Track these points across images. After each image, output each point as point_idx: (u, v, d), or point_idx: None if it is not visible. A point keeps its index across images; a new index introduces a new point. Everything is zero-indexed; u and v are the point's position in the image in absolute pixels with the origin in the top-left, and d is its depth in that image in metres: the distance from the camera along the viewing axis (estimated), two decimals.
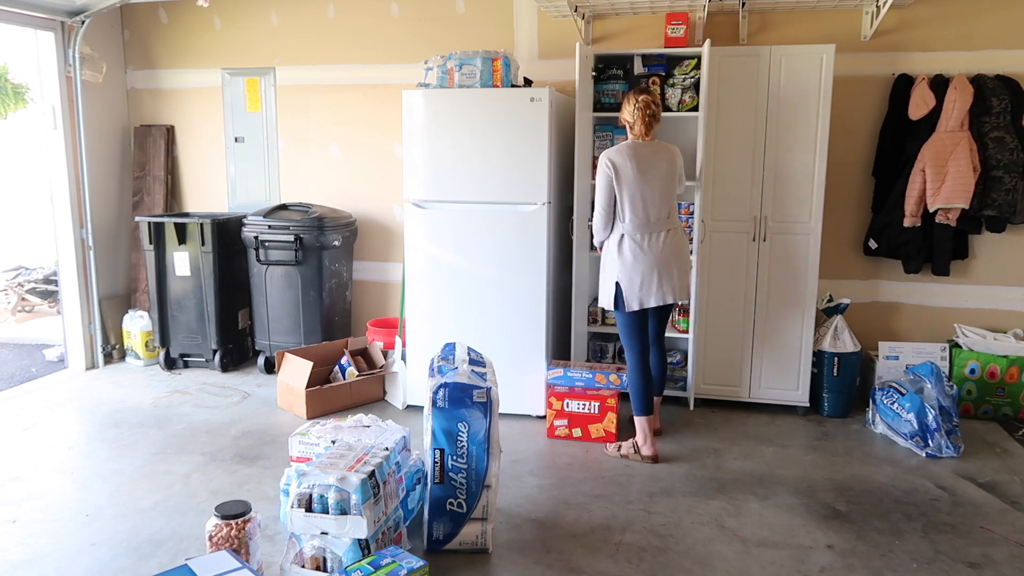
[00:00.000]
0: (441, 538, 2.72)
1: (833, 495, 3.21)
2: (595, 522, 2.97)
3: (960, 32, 4.10)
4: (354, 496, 2.37)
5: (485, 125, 3.87)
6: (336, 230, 4.72)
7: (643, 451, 3.54)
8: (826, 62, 3.82)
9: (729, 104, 3.98)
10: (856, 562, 2.69)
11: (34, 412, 4.22)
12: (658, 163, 3.46)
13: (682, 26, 4.05)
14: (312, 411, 4.10)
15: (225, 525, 2.44)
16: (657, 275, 3.41)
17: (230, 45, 5.14)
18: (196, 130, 5.31)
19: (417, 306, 4.13)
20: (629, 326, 3.52)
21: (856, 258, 4.40)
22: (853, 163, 4.31)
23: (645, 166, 3.42)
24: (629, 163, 3.41)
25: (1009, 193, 3.94)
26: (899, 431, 3.72)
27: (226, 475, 3.39)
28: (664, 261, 3.42)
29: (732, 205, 4.05)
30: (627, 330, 3.54)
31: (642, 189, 3.41)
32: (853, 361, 4.06)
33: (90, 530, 2.90)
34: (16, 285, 6.81)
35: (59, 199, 4.89)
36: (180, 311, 4.89)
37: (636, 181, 3.40)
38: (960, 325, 4.24)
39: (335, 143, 5.07)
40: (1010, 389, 4.02)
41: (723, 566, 2.66)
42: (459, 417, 2.68)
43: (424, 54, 4.50)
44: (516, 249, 3.93)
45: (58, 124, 4.80)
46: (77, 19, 4.69)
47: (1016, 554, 2.74)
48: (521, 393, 4.00)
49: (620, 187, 3.42)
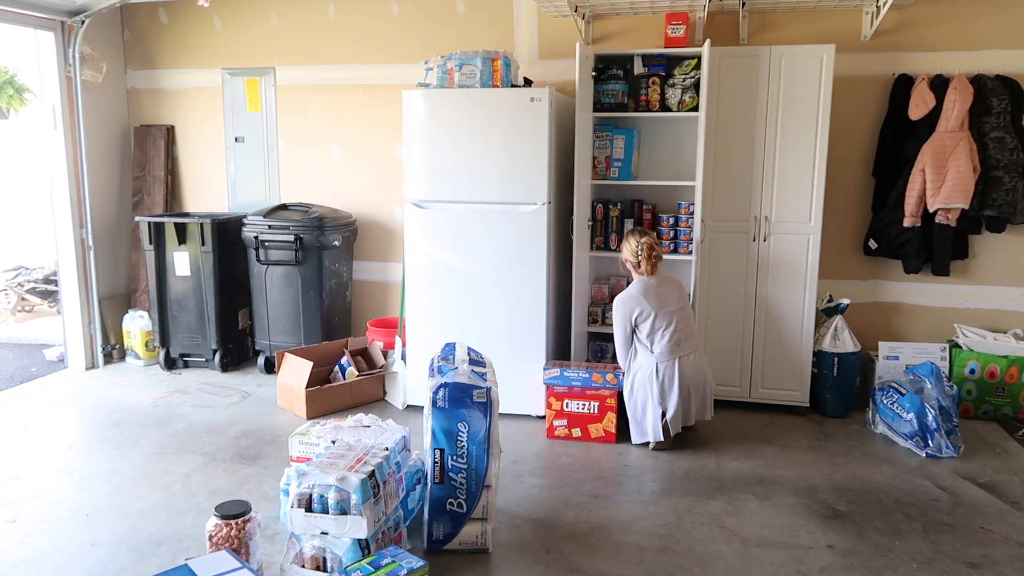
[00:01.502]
0: (441, 538, 2.72)
1: (833, 495, 3.21)
2: (595, 522, 2.97)
3: (960, 32, 4.10)
4: (354, 496, 2.37)
5: (485, 125, 3.87)
6: (336, 230, 4.72)
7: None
8: (826, 62, 3.82)
9: (729, 104, 3.98)
10: (856, 562, 2.69)
11: (34, 412, 4.22)
12: (670, 293, 3.70)
13: (682, 26, 4.05)
14: (312, 411, 4.10)
15: (225, 525, 2.44)
16: (688, 393, 3.64)
17: (230, 45, 5.14)
18: (196, 130, 5.31)
19: (417, 306, 4.13)
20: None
21: (856, 258, 4.40)
22: (853, 163, 4.31)
23: (663, 301, 3.66)
24: (647, 301, 3.65)
25: (1009, 193, 3.94)
26: (899, 431, 3.72)
27: (226, 475, 3.39)
28: (695, 380, 3.65)
29: (732, 205, 4.05)
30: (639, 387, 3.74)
31: (666, 319, 3.63)
32: (853, 361, 4.06)
33: (90, 530, 2.90)
34: (16, 285, 6.81)
35: (59, 199, 4.89)
36: (180, 311, 4.89)
37: (659, 314, 3.63)
38: (960, 325, 4.24)
39: (335, 143, 5.07)
40: (1010, 389, 4.02)
41: (723, 566, 2.66)
42: (459, 417, 2.68)
43: (424, 54, 4.50)
44: (516, 249, 3.93)
45: (58, 124, 4.80)
46: (77, 19, 4.69)
47: (1016, 554, 2.74)
48: (521, 393, 4.00)
49: (643, 324, 3.65)
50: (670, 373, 3.59)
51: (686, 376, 3.60)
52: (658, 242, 3.79)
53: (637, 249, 3.71)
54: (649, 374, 3.62)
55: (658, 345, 3.63)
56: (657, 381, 3.60)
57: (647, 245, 3.71)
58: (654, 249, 3.73)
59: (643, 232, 3.81)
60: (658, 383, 3.60)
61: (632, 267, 3.77)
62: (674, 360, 3.61)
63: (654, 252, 3.72)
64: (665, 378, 3.60)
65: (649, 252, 3.71)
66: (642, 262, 3.71)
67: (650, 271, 3.72)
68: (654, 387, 3.60)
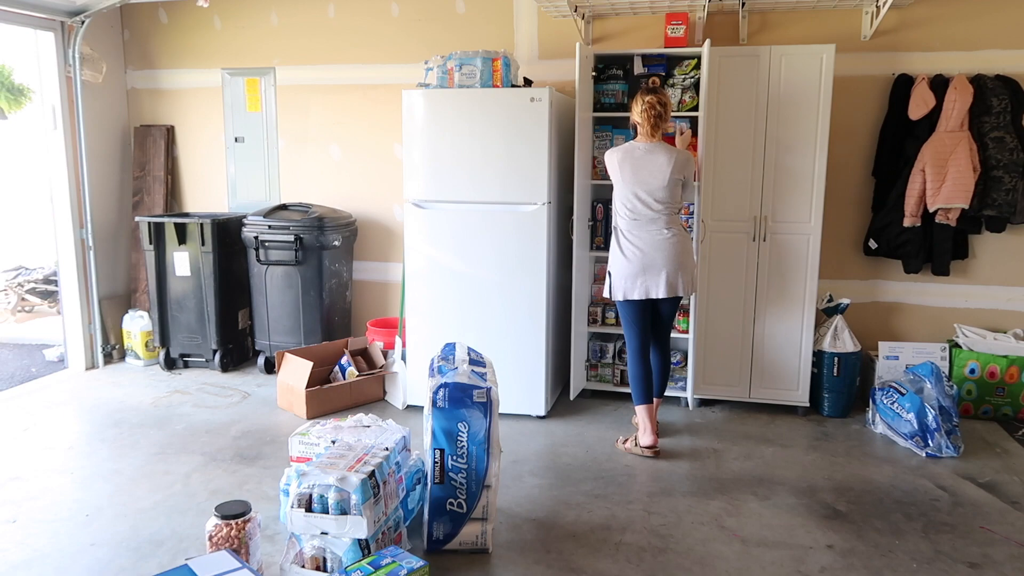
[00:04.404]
0: (441, 538, 2.72)
1: (833, 495, 3.21)
2: (595, 522, 2.97)
3: (960, 32, 4.10)
4: (354, 496, 2.37)
5: (485, 125, 3.87)
6: (336, 230, 4.72)
7: (641, 441, 3.57)
8: (826, 62, 3.82)
9: (729, 104, 3.98)
10: (856, 562, 2.69)
11: (34, 412, 4.22)
12: (651, 163, 3.48)
13: (682, 26, 4.05)
14: (312, 411, 4.10)
15: (225, 525, 2.44)
16: (644, 271, 3.50)
17: (230, 45, 5.14)
18: (196, 130, 5.31)
19: (417, 306, 4.13)
20: (624, 316, 3.67)
21: (856, 258, 4.40)
22: (853, 163, 4.31)
23: (638, 166, 3.49)
24: (624, 162, 3.51)
25: (1009, 193, 3.94)
26: (899, 431, 3.72)
27: (226, 475, 3.39)
28: (653, 258, 3.49)
29: (732, 205, 4.05)
30: (623, 320, 3.69)
31: (634, 188, 3.50)
32: (853, 361, 4.06)
33: (90, 530, 2.90)
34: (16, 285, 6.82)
35: (59, 199, 4.89)
36: (180, 311, 4.89)
37: (631, 180, 3.50)
38: (960, 325, 4.24)
39: (335, 143, 5.07)
40: (1010, 389, 4.02)
41: (723, 566, 2.66)
42: (459, 417, 2.68)
43: (424, 54, 4.50)
44: (516, 249, 3.93)
45: (58, 124, 4.80)
46: (77, 19, 4.69)
47: (1016, 554, 2.74)
48: (521, 393, 4.00)
49: (617, 182, 3.55)
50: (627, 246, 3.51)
51: (645, 253, 3.48)
52: (666, 101, 3.47)
53: (640, 109, 3.46)
54: (614, 237, 3.58)
55: (622, 211, 3.52)
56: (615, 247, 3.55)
57: (649, 103, 3.42)
58: (655, 108, 3.41)
59: (650, 89, 3.53)
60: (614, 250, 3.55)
61: (638, 129, 3.56)
62: (636, 234, 3.49)
63: (654, 111, 3.42)
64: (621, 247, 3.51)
65: (649, 111, 3.42)
66: (643, 123, 3.47)
67: (649, 133, 3.47)
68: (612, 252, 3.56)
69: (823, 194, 3.92)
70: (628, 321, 3.64)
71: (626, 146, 3.57)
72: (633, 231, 3.53)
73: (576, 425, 4.00)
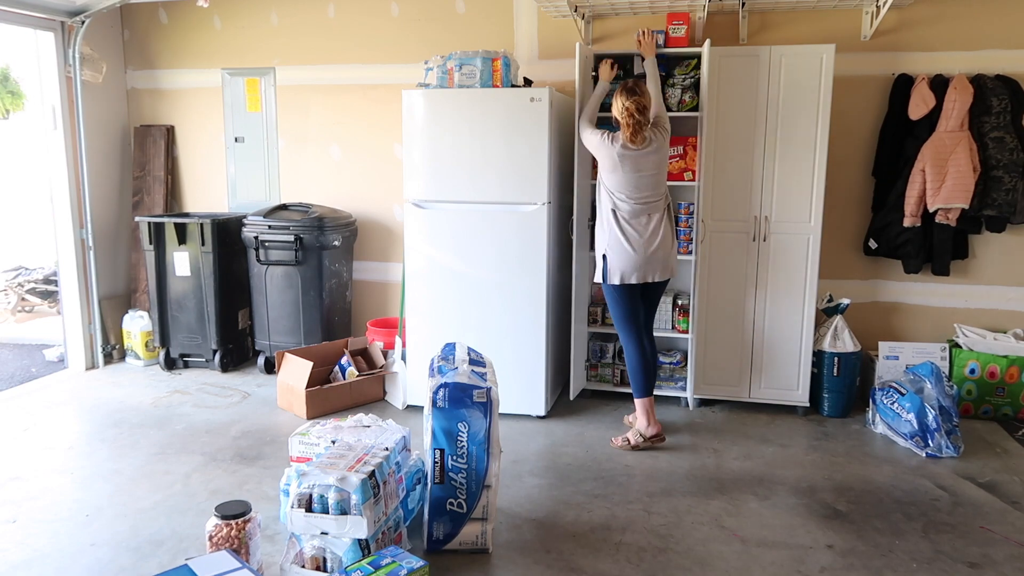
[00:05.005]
0: (441, 538, 2.72)
1: (833, 495, 3.21)
2: (595, 522, 2.97)
3: (960, 32, 4.10)
4: (354, 496, 2.37)
5: (485, 125, 3.87)
6: (336, 230, 4.72)
7: (647, 432, 3.58)
8: (826, 62, 3.82)
9: (729, 104, 3.98)
10: (856, 562, 2.69)
11: (34, 412, 4.22)
12: (648, 160, 3.53)
13: (683, 26, 4.05)
14: (312, 411, 4.10)
15: (225, 525, 2.44)
16: (644, 256, 3.53)
17: (230, 45, 5.14)
18: (196, 130, 5.31)
19: (417, 306, 4.13)
20: (617, 303, 3.66)
21: (856, 258, 4.40)
22: (853, 163, 4.31)
23: (639, 164, 3.52)
24: (625, 158, 3.50)
25: (1009, 193, 3.94)
26: (899, 431, 3.72)
27: (226, 475, 3.39)
28: (651, 243, 3.54)
29: (732, 205, 4.05)
30: (616, 309, 3.68)
31: (636, 182, 3.52)
32: (853, 361, 4.06)
33: (90, 530, 2.90)
34: (16, 285, 6.82)
35: (59, 199, 4.89)
36: (180, 311, 4.89)
37: (632, 175, 3.51)
38: (960, 325, 4.24)
39: (335, 143, 5.07)
40: (1010, 389, 4.01)
41: (723, 566, 2.66)
42: (459, 417, 2.68)
43: (424, 54, 4.49)
44: (516, 249, 3.93)
45: (58, 124, 4.80)
46: (77, 19, 4.69)
47: (1016, 554, 2.74)
48: (521, 393, 4.00)
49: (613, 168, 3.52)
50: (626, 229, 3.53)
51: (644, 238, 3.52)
52: (645, 104, 3.36)
53: (621, 110, 3.38)
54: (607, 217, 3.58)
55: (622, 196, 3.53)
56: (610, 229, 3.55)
57: (627, 111, 3.33)
58: (633, 116, 3.32)
59: (631, 91, 3.38)
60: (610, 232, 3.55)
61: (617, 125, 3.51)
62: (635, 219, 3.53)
63: (634, 120, 3.33)
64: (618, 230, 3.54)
65: (628, 119, 3.34)
66: (624, 129, 3.42)
67: (630, 138, 3.41)
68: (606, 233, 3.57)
69: (823, 194, 3.92)
70: (621, 306, 3.65)
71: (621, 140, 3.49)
72: (636, 216, 3.55)
73: (576, 425, 4.00)
